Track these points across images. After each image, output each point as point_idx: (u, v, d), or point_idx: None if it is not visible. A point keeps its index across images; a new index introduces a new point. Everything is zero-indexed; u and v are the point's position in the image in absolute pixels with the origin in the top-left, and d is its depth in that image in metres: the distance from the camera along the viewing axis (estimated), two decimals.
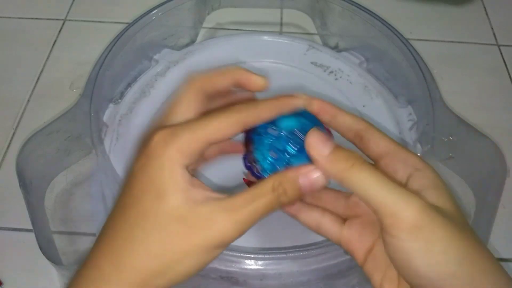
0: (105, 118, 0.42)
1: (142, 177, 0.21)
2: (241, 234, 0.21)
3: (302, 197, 0.23)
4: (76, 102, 0.38)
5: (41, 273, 0.37)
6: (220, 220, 0.21)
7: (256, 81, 0.24)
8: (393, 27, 0.44)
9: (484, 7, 0.58)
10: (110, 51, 0.41)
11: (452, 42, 0.55)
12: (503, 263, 0.39)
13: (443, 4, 0.58)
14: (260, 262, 0.31)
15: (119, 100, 0.44)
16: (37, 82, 0.50)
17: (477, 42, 0.55)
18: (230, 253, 0.31)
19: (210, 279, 0.33)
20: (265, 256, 0.31)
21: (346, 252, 0.25)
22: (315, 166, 0.22)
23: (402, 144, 0.25)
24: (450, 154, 0.37)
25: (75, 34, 0.54)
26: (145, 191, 0.21)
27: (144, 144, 0.22)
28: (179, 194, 0.21)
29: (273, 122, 0.24)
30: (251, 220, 0.21)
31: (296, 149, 0.24)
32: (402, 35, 0.43)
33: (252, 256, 0.31)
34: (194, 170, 0.24)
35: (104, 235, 0.22)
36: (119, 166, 0.38)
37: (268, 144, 0.24)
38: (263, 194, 0.21)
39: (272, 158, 0.24)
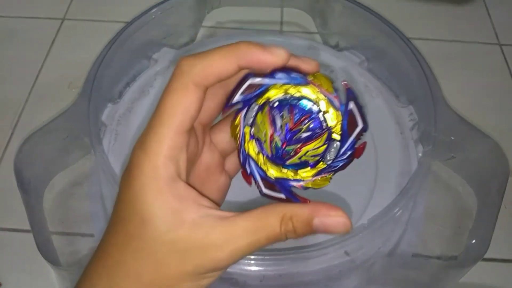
0: (103, 117, 0.42)
1: (126, 198, 0.19)
2: (236, 262, 0.19)
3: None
4: (74, 102, 0.38)
5: (39, 274, 0.37)
6: (214, 248, 0.19)
7: (271, 60, 0.19)
8: (394, 26, 0.44)
9: (486, 6, 0.58)
10: (109, 50, 0.41)
11: (454, 41, 0.55)
12: (505, 264, 0.39)
13: (444, 3, 0.58)
14: (260, 263, 0.31)
15: (118, 100, 0.44)
16: (35, 81, 0.49)
17: (478, 41, 0.54)
18: None
19: None
20: (265, 257, 0.31)
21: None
22: (336, 212, 0.19)
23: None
24: (452, 154, 0.37)
25: (73, 33, 0.54)
26: (130, 214, 0.19)
27: (130, 157, 0.20)
28: (168, 217, 0.19)
29: None
30: (249, 251, 0.19)
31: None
32: (403, 34, 0.43)
33: (252, 257, 0.31)
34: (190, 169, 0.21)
35: (99, 250, 0.21)
36: (117, 166, 0.37)
37: None
38: (268, 227, 0.19)
39: None
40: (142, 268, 0.19)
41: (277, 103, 0.20)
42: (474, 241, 0.33)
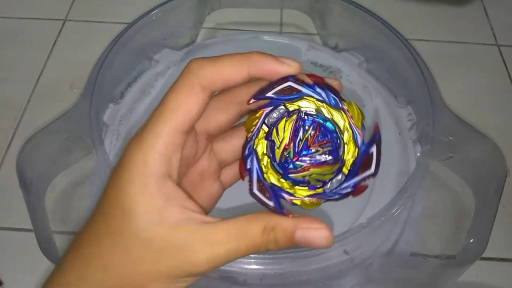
0: (105, 118, 0.42)
1: (112, 190, 0.19)
2: (213, 269, 0.19)
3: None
4: (76, 102, 0.38)
5: (41, 273, 0.37)
6: (192, 251, 0.18)
7: (283, 70, 0.19)
8: (392, 27, 0.44)
9: (484, 7, 0.58)
10: (110, 51, 0.41)
11: (452, 42, 0.55)
12: (503, 263, 0.39)
13: (443, 4, 0.58)
14: (260, 262, 0.31)
15: (119, 100, 0.44)
16: (37, 82, 0.50)
17: (476, 42, 0.55)
18: None
19: (210, 279, 0.34)
20: (265, 255, 0.31)
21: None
22: (319, 225, 0.19)
23: None
24: (450, 154, 0.37)
25: (75, 34, 0.54)
26: (113, 206, 0.19)
27: (123, 151, 0.20)
28: (150, 214, 0.18)
29: None
30: (227, 258, 0.18)
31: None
32: (402, 35, 0.43)
33: (252, 255, 0.31)
34: (184, 170, 0.21)
35: (76, 240, 0.20)
36: None
37: None
38: (249, 235, 0.18)
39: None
40: (117, 262, 0.19)
41: (306, 116, 0.20)
42: (472, 240, 0.33)
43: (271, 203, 0.20)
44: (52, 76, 0.50)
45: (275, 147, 0.20)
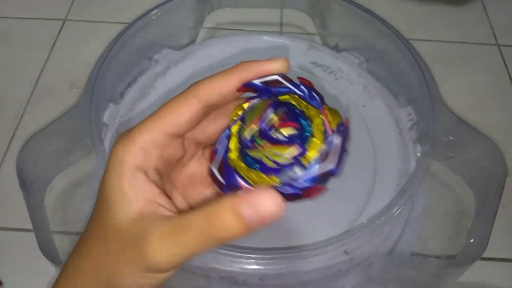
0: (105, 118, 0.42)
1: (100, 185, 0.20)
2: (171, 265, 0.18)
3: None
4: (76, 102, 0.38)
5: (41, 273, 0.37)
6: (146, 243, 0.18)
7: (272, 66, 0.20)
8: (393, 27, 0.44)
9: (484, 7, 0.58)
10: (110, 51, 0.41)
11: (452, 42, 0.55)
12: (503, 263, 0.39)
13: (443, 4, 0.58)
14: (260, 262, 0.31)
15: (119, 100, 0.44)
16: (37, 82, 0.50)
17: (477, 42, 0.55)
18: (230, 253, 0.31)
19: (210, 279, 0.34)
20: (265, 256, 0.31)
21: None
22: (263, 191, 0.16)
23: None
24: (450, 154, 0.37)
25: (75, 34, 0.54)
26: (100, 198, 0.20)
27: None
28: (121, 204, 0.19)
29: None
30: (181, 253, 0.17)
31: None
32: (402, 35, 0.43)
33: (252, 256, 0.31)
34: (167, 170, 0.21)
35: (80, 235, 0.22)
36: None
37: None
38: (195, 226, 0.17)
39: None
40: (97, 252, 0.19)
41: (280, 102, 0.21)
42: (472, 240, 0.33)
43: (223, 182, 0.21)
44: (52, 76, 0.50)
45: (246, 125, 0.21)
